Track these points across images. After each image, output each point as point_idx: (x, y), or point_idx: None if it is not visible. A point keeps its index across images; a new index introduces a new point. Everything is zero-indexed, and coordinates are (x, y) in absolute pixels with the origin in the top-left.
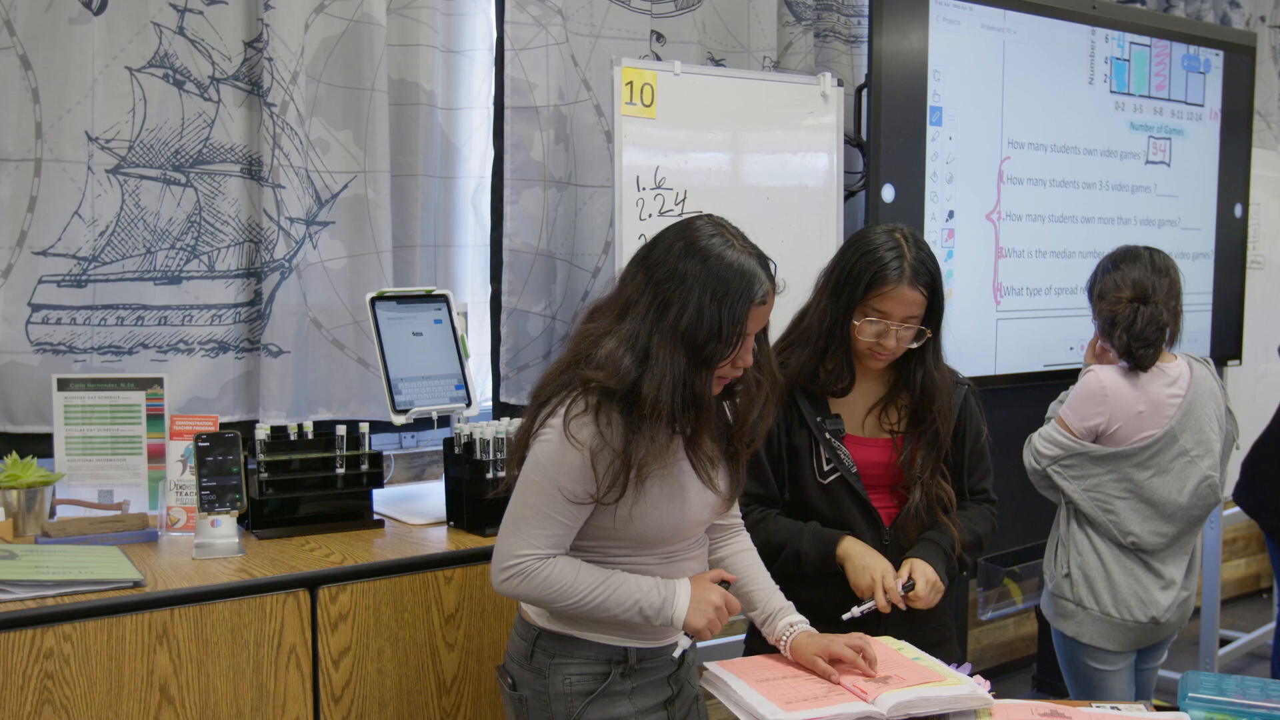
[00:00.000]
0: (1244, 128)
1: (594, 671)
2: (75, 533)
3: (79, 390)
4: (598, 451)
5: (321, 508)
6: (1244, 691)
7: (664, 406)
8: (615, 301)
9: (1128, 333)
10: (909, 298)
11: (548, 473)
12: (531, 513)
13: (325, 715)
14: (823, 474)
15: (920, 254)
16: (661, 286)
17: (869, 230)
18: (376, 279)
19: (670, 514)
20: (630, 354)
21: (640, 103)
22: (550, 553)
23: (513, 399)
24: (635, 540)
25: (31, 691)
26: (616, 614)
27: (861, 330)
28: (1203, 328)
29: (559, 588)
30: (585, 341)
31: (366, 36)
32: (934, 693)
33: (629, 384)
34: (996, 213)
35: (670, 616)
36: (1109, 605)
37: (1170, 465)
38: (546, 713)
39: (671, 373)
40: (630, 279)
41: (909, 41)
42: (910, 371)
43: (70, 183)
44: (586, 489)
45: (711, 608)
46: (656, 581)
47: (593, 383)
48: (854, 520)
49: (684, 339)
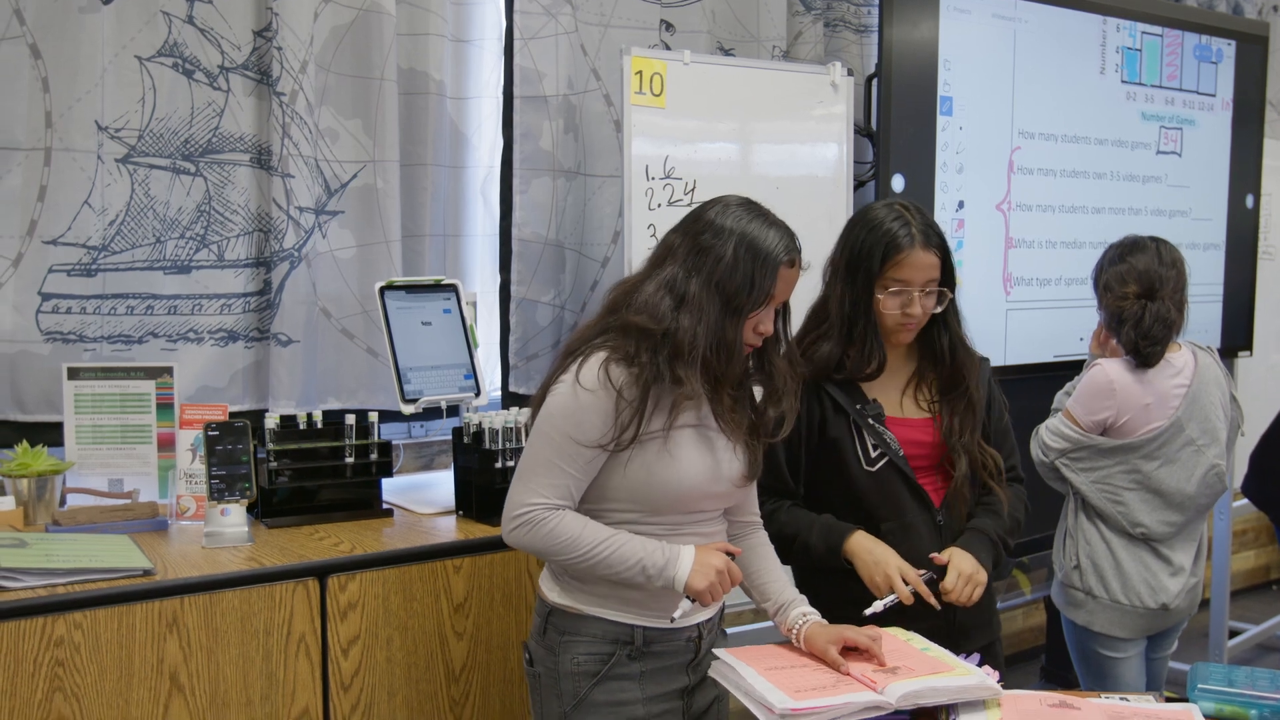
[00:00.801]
0: (1256, 118)
1: (600, 651)
2: (85, 521)
3: (89, 379)
4: (612, 397)
5: (331, 497)
6: (1253, 683)
7: (699, 348)
8: (652, 260)
9: (1135, 330)
10: (925, 261)
11: (556, 423)
12: (541, 463)
13: (334, 704)
14: (870, 461)
15: (924, 218)
16: (701, 237)
17: (868, 208)
18: (386, 268)
19: (681, 474)
20: (670, 296)
21: (650, 92)
22: (559, 504)
23: (521, 388)
24: (644, 504)
25: (42, 679)
26: (619, 571)
27: (885, 304)
28: (1213, 319)
29: (565, 539)
30: (620, 292)
31: (376, 25)
32: (943, 683)
33: (667, 326)
34: (1007, 203)
35: (672, 577)
36: (1119, 593)
37: (1178, 455)
38: (556, 690)
39: (706, 317)
40: (669, 237)
41: (919, 31)
42: (935, 339)
43: (80, 172)
44: (598, 435)
45: (714, 570)
46: (661, 543)
47: (631, 328)
48: (905, 504)
49: (718, 287)
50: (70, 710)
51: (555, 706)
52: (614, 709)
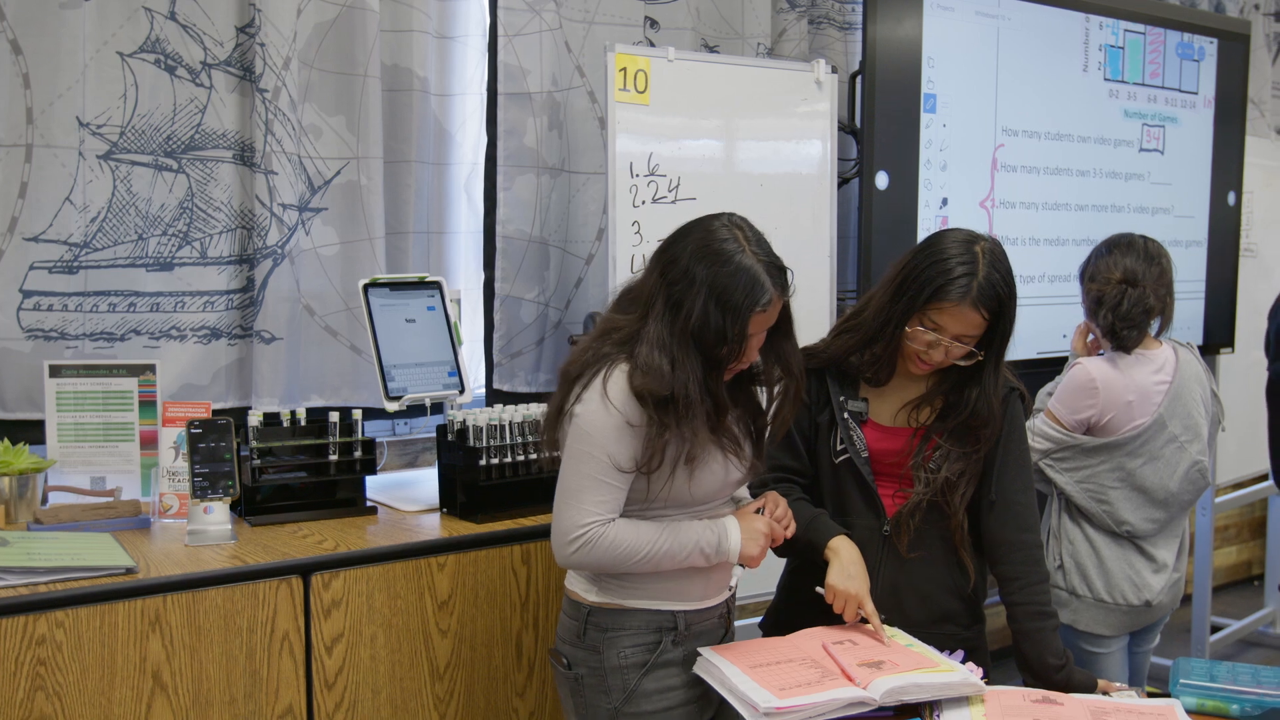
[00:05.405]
0: (1237, 115)
1: (646, 641)
2: (67, 519)
3: (71, 377)
4: (640, 424)
5: (314, 494)
6: (1235, 678)
7: (695, 404)
8: (639, 294)
9: (1113, 312)
10: (968, 318)
11: (595, 440)
12: (588, 482)
13: (318, 702)
14: (835, 454)
15: (994, 274)
16: (674, 288)
17: (948, 235)
18: (369, 265)
19: (706, 483)
20: (665, 358)
21: (634, 89)
22: (610, 517)
23: (505, 386)
24: (673, 503)
25: (24, 678)
26: (679, 559)
27: (913, 337)
28: (1195, 316)
29: (626, 546)
30: (612, 328)
31: (359, 22)
32: (927, 679)
33: (673, 389)
34: (990, 200)
35: (728, 550)
36: (1102, 591)
37: (1161, 452)
38: (603, 687)
39: (695, 374)
40: (650, 273)
41: (903, 28)
42: (964, 390)
43: (61, 169)
44: (633, 456)
45: (761, 535)
46: (706, 522)
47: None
48: (854, 505)
49: (695, 342)
50: (52, 709)
51: (604, 703)
52: (663, 695)
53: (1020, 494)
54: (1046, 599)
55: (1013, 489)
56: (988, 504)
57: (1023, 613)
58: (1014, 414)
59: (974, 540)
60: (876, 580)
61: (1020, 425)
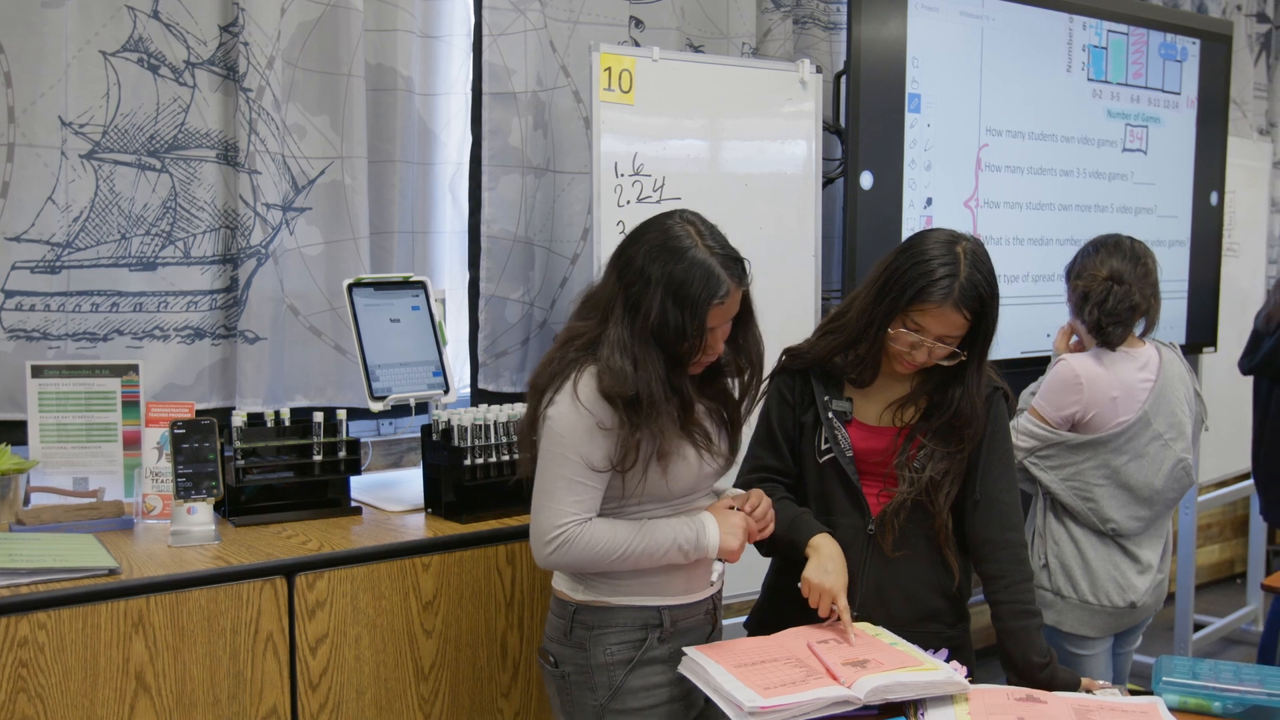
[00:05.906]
0: (1220, 116)
1: (632, 639)
2: (50, 520)
3: (53, 377)
4: (611, 425)
5: (299, 495)
6: (1217, 675)
7: (659, 402)
8: (598, 300)
9: (1099, 308)
10: (950, 319)
11: (568, 442)
12: (562, 483)
13: (302, 702)
14: (819, 453)
15: (976, 275)
16: (631, 289)
17: (930, 235)
18: (354, 265)
19: (681, 477)
20: (627, 360)
21: (619, 89)
22: (586, 516)
23: (490, 386)
24: (650, 498)
25: (6, 680)
26: (657, 556)
27: (896, 338)
28: (1178, 315)
29: (603, 545)
30: (573, 336)
31: (344, 21)
32: (911, 678)
33: (638, 389)
34: (974, 200)
35: (706, 546)
36: (1087, 593)
37: (1145, 449)
38: (589, 684)
39: (658, 372)
40: (608, 277)
41: (888, 28)
42: (948, 384)
43: (44, 168)
44: (607, 456)
45: (740, 529)
46: (683, 519)
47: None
48: (839, 505)
49: (655, 340)
50: (35, 711)
51: (589, 700)
52: (649, 692)
53: (1004, 493)
54: (1031, 597)
55: (996, 488)
56: (972, 503)
57: (1007, 611)
58: (997, 413)
59: (958, 539)
60: (861, 579)
61: (1004, 424)
